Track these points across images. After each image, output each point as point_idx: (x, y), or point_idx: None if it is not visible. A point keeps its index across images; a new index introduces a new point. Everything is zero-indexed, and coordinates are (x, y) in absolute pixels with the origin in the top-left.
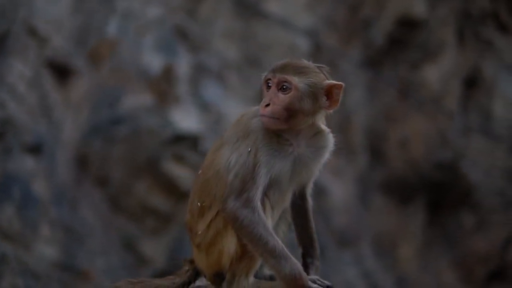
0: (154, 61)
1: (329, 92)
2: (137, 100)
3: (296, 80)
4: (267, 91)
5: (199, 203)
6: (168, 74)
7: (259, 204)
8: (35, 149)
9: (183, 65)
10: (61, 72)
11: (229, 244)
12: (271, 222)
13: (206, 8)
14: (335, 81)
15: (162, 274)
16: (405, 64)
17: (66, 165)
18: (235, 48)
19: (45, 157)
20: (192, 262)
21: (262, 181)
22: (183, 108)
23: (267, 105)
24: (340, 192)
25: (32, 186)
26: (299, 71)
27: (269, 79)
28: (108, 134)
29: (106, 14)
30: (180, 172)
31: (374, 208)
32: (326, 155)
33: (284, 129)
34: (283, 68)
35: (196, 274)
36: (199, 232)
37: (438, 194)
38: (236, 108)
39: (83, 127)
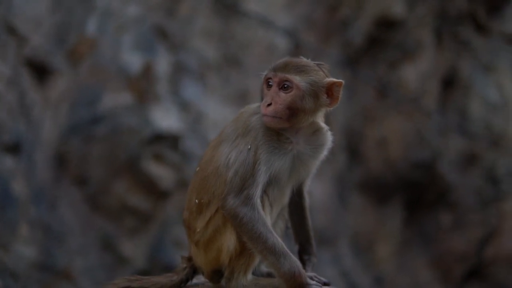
0: (133, 60)
1: (330, 90)
2: (116, 99)
3: (297, 79)
4: (268, 90)
5: (197, 200)
6: (147, 73)
7: (258, 201)
8: (14, 148)
9: (162, 64)
10: (40, 71)
11: (228, 241)
12: (270, 220)
13: (185, 7)
14: (335, 79)
15: (141, 274)
16: (383, 64)
17: (45, 164)
18: (214, 47)
19: (24, 157)
20: (190, 259)
21: (262, 178)
22: (163, 107)
23: (269, 104)
24: (318, 191)
25: (10, 185)
26: (300, 69)
27: (270, 78)
28: (88, 133)
29: (85, 12)
30: (160, 171)
31: (352, 207)
32: (324, 153)
33: (285, 127)
34: (284, 67)
35: (194, 271)
36: (198, 230)
37: (415, 193)
38: (216, 107)
39: (62, 126)
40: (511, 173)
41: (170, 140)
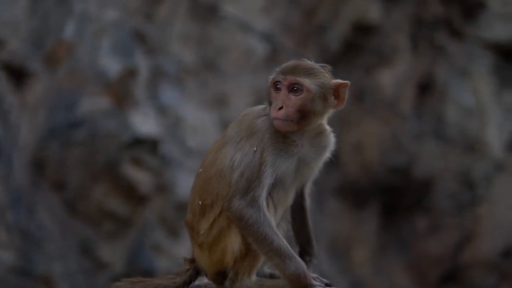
0: (111, 64)
1: (336, 91)
2: (94, 103)
3: (307, 82)
4: (277, 93)
5: (200, 202)
6: (126, 77)
7: (264, 203)
8: None
9: (141, 68)
10: (18, 75)
11: (233, 243)
12: (274, 221)
13: (163, 11)
14: (341, 80)
15: (120, 278)
16: (359, 69)
17: (23, 168)
18: (192, 52)
19: (1, 161)
20: (192, 261)
21: (267, 180)
22: (141, 111)
23: (280, 108)
24: None
25: None
26: (309, 72)
27: (278, 81)
28: (66, 137)
29: (63, 16)
30: (138, 176)
31: (329, 212)
32: (327, 155)
33: (294, 130)
34: (293, 70)
35: (197, 273)
36: (202, 232)
37: (391, 198)
38: (194, 112)
39: (40, 130)
40: (487, 178)
41: (148, 145)
